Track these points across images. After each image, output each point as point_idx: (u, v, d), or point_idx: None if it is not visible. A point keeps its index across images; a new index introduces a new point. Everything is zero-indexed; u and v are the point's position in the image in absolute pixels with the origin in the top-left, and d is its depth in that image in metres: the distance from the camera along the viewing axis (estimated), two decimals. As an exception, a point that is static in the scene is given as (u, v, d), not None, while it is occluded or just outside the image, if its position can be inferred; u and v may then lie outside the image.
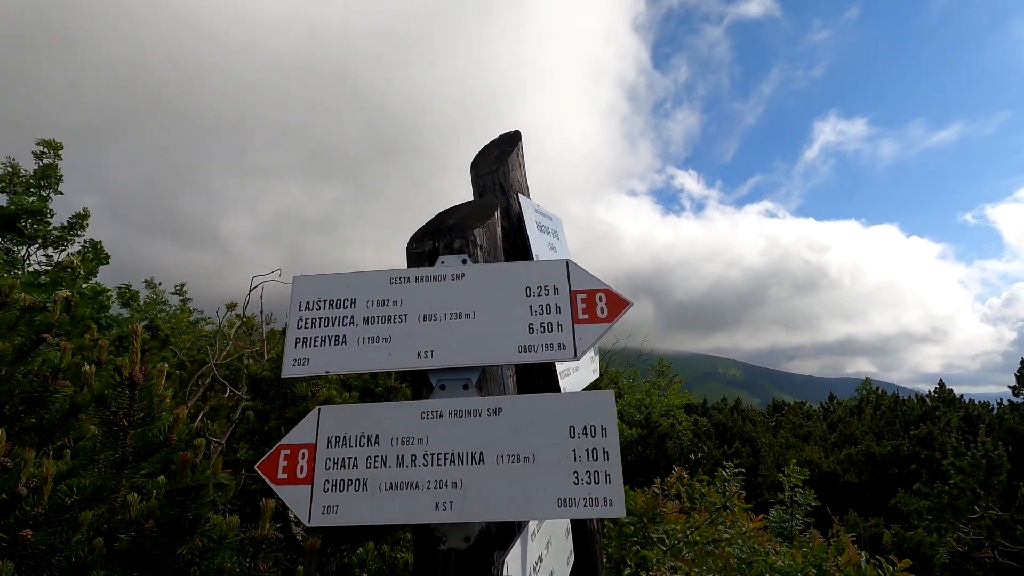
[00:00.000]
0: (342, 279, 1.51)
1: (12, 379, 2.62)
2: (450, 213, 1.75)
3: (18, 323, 2.71)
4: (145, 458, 2.32)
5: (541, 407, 1.34)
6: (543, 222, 2.32)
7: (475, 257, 1.54)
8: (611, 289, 1.42)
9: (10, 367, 2.56)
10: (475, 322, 1.42)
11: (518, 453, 1.30)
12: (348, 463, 1.34)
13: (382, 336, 1.43)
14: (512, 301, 1.44)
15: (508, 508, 1.26)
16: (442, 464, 1.31)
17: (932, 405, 15.25)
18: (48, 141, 9.22)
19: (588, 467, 1.27)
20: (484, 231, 1.61)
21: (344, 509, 1.30)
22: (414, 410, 1.37)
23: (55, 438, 2.73)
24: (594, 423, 1.30)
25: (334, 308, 1.47)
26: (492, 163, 2.36)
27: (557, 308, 1.43)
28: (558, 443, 1.29)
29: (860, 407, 17.66)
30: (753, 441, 14.22)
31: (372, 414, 1.38)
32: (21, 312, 2.69)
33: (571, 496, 1.25)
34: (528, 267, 1.49)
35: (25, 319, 2.72)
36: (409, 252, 1.61)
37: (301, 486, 1.33)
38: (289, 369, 1.42)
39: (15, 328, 2.71)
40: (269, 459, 1.36)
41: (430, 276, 1.49)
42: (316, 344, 1.44)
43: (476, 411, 1.34)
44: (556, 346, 1.39)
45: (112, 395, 2.25)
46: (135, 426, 2.28)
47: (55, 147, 9.26)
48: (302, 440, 1.37)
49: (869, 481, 11.78)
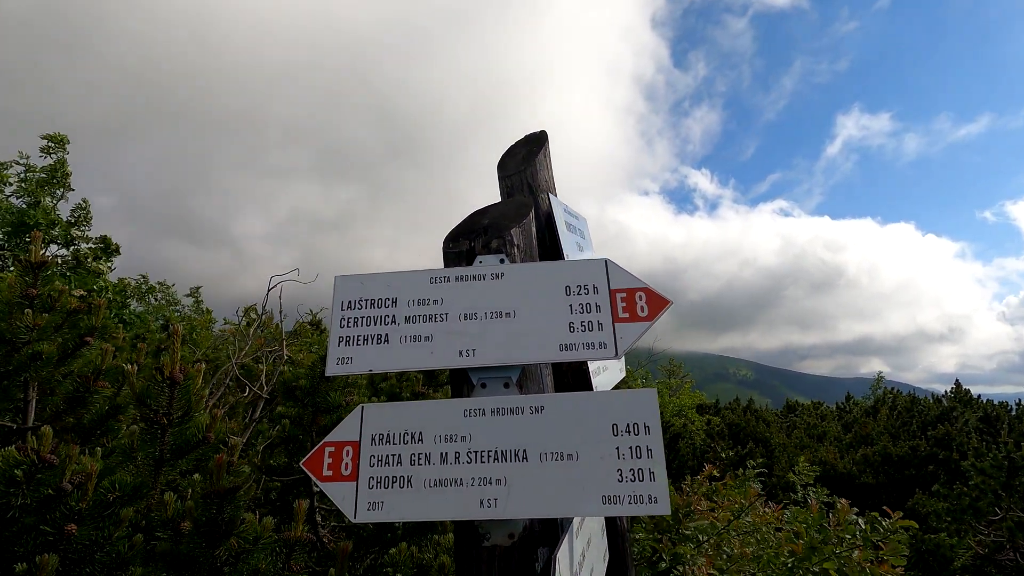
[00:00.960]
0: (383, 279, 1.53)
1: (53, 379, 2.67)
2: (483, 213, 1.77)
3: (63, 325, 2.76)
4: (183, 456, 2.37)
5: (583, 405, 1.35)
6: (571, 222, 2.33)
7: (512, 257, 1.56)
8: (651, 288, 1.43)
9: (53, 368, 2.62)
10: (515, 321, 1.44)
11: (561, 451, 1.31)
12: (392, 460, 1.36)
13: (424, 335, 1.45)
14: (552, 300, 1.46)
15: (553, 505, 1.27)
16: (486, 461, 1.32)
17: (949, 405, 15.06)
18: (53, 135, 9.19)
19: (632, 465, 1.28)
20: (520, 231, 1.62)
21: (389, 506, 1.32)
22: (457, 408, 1.38)
23: (94, 437, 2.78)
24: (637, 421, 1.31)
25: (375, 307, 1.50)
26: (520, 163, 2.37)
27: (597, 307, 1.44)
28: (601, 441, 1.31)
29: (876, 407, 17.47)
30: (767, 442, 14.13)
31: (415, 412, 1.40)
32: (67, 315, 2.74)
33: (616, 494, 1.26)
34: (567, 266, 1.51)
35: (70, 322, 2.77)
36: (446, 252, 1.63)
37: (346, 483, 1.35)
38: (333, 367, 1.45)
39: (60, 330, 2.76)
40: (314, 456, 1.39)
41: (470, 276, 1.51)
42: (359, 343, 1.46)
43: (519, 409, 1.36)
44: (597, 345, 1.40)
45: (152, 394, 2.30)
46: (174, 424, 2.33)
47: (61, 141, 9.21)
48: (346, 437, 1.40)
49: (886, 482, 11.66)
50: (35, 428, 2.75)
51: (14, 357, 2.58)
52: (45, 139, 9.11)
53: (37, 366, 2.62)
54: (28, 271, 2.68)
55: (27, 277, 2.67)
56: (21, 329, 2.56)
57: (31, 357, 2.60)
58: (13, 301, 2.62)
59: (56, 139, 9.20)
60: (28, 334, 2.59)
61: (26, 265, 2.67)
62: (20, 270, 2.68)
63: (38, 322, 2.60)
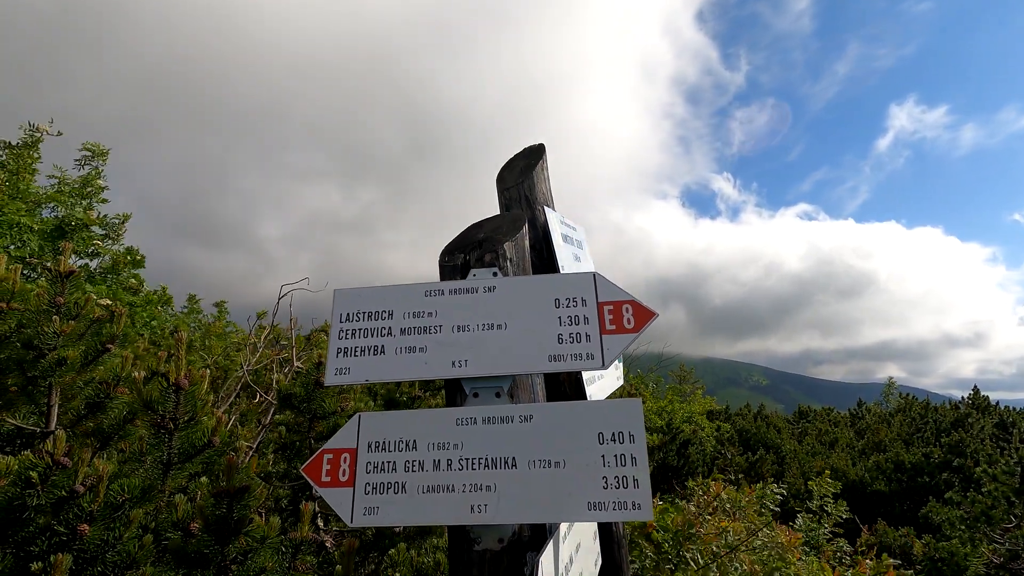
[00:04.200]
0: (379, 292, 1.59)
1: (75, 385, 2.77)
2: (479, 227, 1.83)
3: (87, 333, 2.86)
4: (190, 459, 2.45)
5: (570, 414, 1.40)
6: (568, 233, 2.38)
7: (505, 270, 1.61)
8: (637, 300, 1.48)
9: (75, 374, 2.72)
10: (507, 333, 1.49)
11: (549, 458, 1.36)
12: (387, 467, 1.41)
13: (418, 346, 1.51)
14: (542, 312, 1.51)
15: (540, 511, 1.32)
16: (476, 468, 1.38)
17: (965, 411, 14.84)
18: (94, 146, 8.99)
19: (617, 472, 1.32)
20: (513, 245, 1.68)
21: (384, 511, 1.38)
22: (449, 417, 1.44)
23: (112, 442, 2.88)
24: (622, 430, 1.36)
25: (372, 320, 1.56)
26: (518, 176, 2.43)
27: (585, 319, 1.49)
28: (587, 449, 1.35)
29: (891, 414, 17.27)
30: (778, 448, 14.02)
31: (410, 420, 1.46)
32: (90, 323, 2.84)
33: (601, 500, 1.30)
34: (556, 279, 1.56)
35: (93, 329, 2.87)
36: (441, 265, 1.69)
37: (343, 488, 1.41)
38: (332, 378, 1.51)
39: (83, 338, 2.86)
40: (313, 463, 1.45)
41: (463, 289, 1.56)
42: (356, 354, 1.53)
43: (508, 418, 1.41)
44: (585, 356, 1.45)
45: (159, 399, 2.38)
46: (180, 429, 2.41)
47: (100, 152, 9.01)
48: (344, 445, 1.46)
49: (898, 490, 11.52)
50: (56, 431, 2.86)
51: (40, 363, 2.68)
52: (83, 149, 8.91)
53: (61, 371, 2.72)
54: (56, 280, 2.78)
55: (56, 286, 2.78)
56: (48, 335, 2.66)
57: (56, 363, 2.70)
58: (41, 308, 2.73)
59: (95, 149, 8.95)
60: (54, 340, 2.70)
61: (55, 274, 2.78)
62: (49, 279, 2.79)
63: (64, 329, 2.71)
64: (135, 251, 9.40)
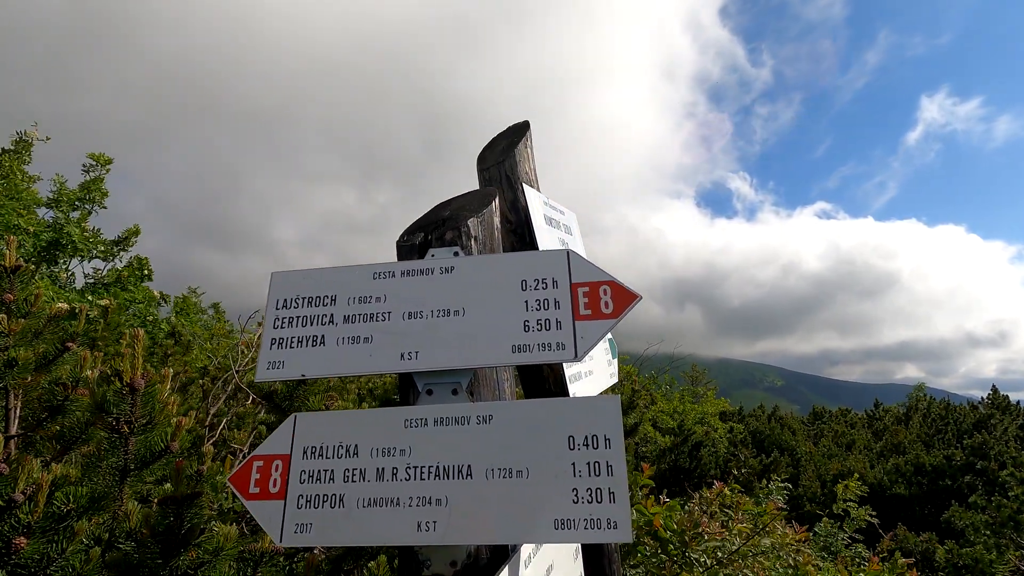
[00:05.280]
0: (322, 274, 1.39)
1: (37, 387, 2.62)
2: (446, 205, 1.63)
3: (43, 331, 2.70)
4: (147, 466, 2.27)
5: (537, 414, 1.19)
6: (553, 215, 2.17)
7: (468, 249, 1.41)
8: (616, 281, 1.26)
9: (34, 375, 2.56)
10: (464, 320, 1.29)
11: (510, 467, 1.15)
12: (324, 476, 1.21)
13: (363, 336, 1.31)
14: (506, 296, 1.30)
15: (498, 530, 1.11)
16: (425, 478, 1.17)
17: (986, 412, 14.33)
18: (98, 156, 9.16)
19: (589, 483, 1.11)
20: (479, 221, 1.47)
21: (318, 528, 1.18)
22: (397, 417, 1.23)
23: (75, 446, 2.72)
24: (596, 433, 1.14)
25: (312, 306, 1.36)
26: (499, 155, 2.22)
27: (556, 303, 1.28)
28: (555, 456, 1.14)
29: (908, 414, 16.77)
30: (793, 450, 13.63)
31: (352, 422, 1.25)
32: (47, 321, 2.69)
33: (570, 517, 1.09)
34: (524, 258, 1.35)
35: (50, 328, 2.72)
36: (399, 246, 1.48)
37: (273, 501, 1.21)
38: (263, 372, 1.31)
39: (40, 336, 2.71)
40: (241, 471, 1.25)
41: (417, 270, 1.36)
42: (292, 345, 1.33)
43: (464, 419, 1.20)
44: (555, 345, 1.24)
45: (113, 401, 2.20)
46: (136, 433, 2.23)
47: (104, 162, 9.17)
48: (276, 450, 1.26)
49: (919, 493, 11.11)
50: (18, 436, 2.70)
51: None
52: (90, 157, 9.03)
53: (13, 373, 2.56)
54: (3, 276, 2.62)
55: (3, 281, 2.62)
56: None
57: (6, 364, 2.54)
58: (-12, 309, 2.57)
59: (100, 159, 9.09)
60: (3, 340, 2.53)
61: (1, 269, 2.62)
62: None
63: (13, 328, 2.55)
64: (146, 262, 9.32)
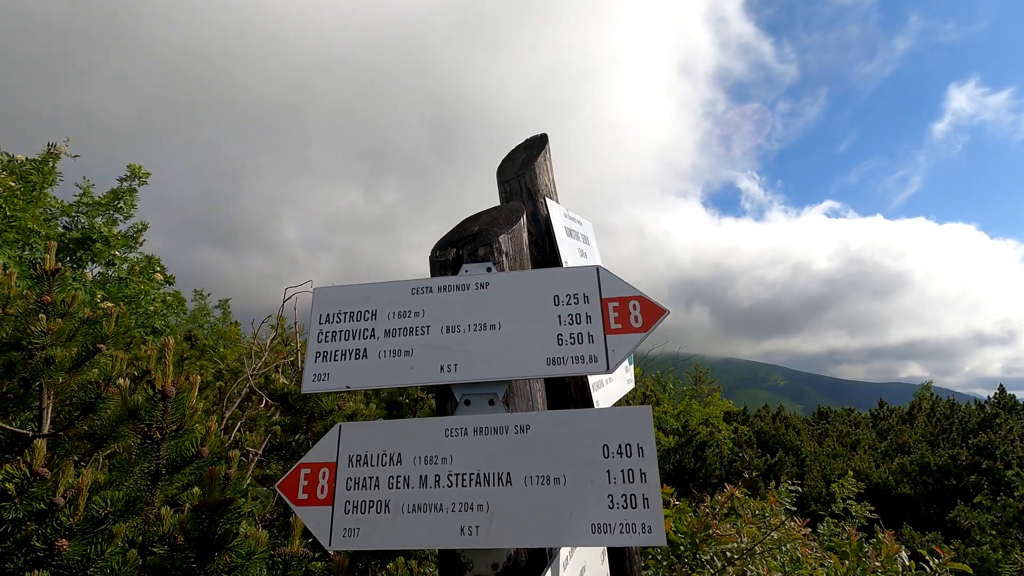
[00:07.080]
0: (363, 290, 1.46)
1: (69, 387, 2.69)
2: (475, 220, 1.69)
3: (77, 333, 2.78)
4: (179, 470, 2.33)
5: (572, 424, 1.25)
6: (572, 227, 2.23)
7: (500, 265, 1.47)
8: (646, 296, 1.33)
9: (67, 375, 2.63)
10: (500, 333, 1.35)
11: (548, 474, 1.21)
12: (370, 483, 1.28)
13: (404, 349, 1.37)
14: (539, 311, 1.36)
15: (538, 534, 1.17)
16: (467, 485, 1.23)
17: (992, 411, 14.35)
18: (136, 168, 9.09)
19: (624, 490, 1.17)
20: (509, 237, 1.53)
21: (365, 532, 1.24)
22: (438, 427, 1.30)
23: (105, 444, 2.79)
24: (630, 441, 1.21)
25: (355, 320, 1.42)
26: (519, 167, 2.29)
27: (588, 318, 1.34)
28: (591, 463, 1.20)
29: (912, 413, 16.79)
30: (797, 450, 13.66)
31: (394, 431, 1.32)
32: (80, 323, 2.76)
33: (606, 522, 1.15)
34: (556, 274, 1.41)
35: (83, 330, 2.79)
36: (432, 261, 1.55)
37: (322, 507, 1.28)
38: (309, 385, 1.38)
39: (74, 338, 2.78)
40: (289, 478, 1.32)
41: (453, 286, 1.42)
42: (337, 358, 1.39)
43: (503, 428, 1.27)
44: (588, 358, 1.30)
45: (145, 408, 2.27)
46: (168, 439, 2.30)
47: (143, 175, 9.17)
48: (323, 459, 1.32)
49: (924, 493, 11.14)
50: (50, 435, 2.77)
51: (29, 363, 2.60)
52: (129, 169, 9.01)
53: (50, 372, 2.64)
54: (43, 279, 2.70)
55: (42, 285, 2.70)
56: (35, 335, 2.57)
57: (44, 363, 2.62)
58: (28, 309, 2.65)
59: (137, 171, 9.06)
60: (42, 339, 2.61)
61: (40, 273, 2.69)
62: (35, 277, 2.71)
63: (51, 328, 2.62)
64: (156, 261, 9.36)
